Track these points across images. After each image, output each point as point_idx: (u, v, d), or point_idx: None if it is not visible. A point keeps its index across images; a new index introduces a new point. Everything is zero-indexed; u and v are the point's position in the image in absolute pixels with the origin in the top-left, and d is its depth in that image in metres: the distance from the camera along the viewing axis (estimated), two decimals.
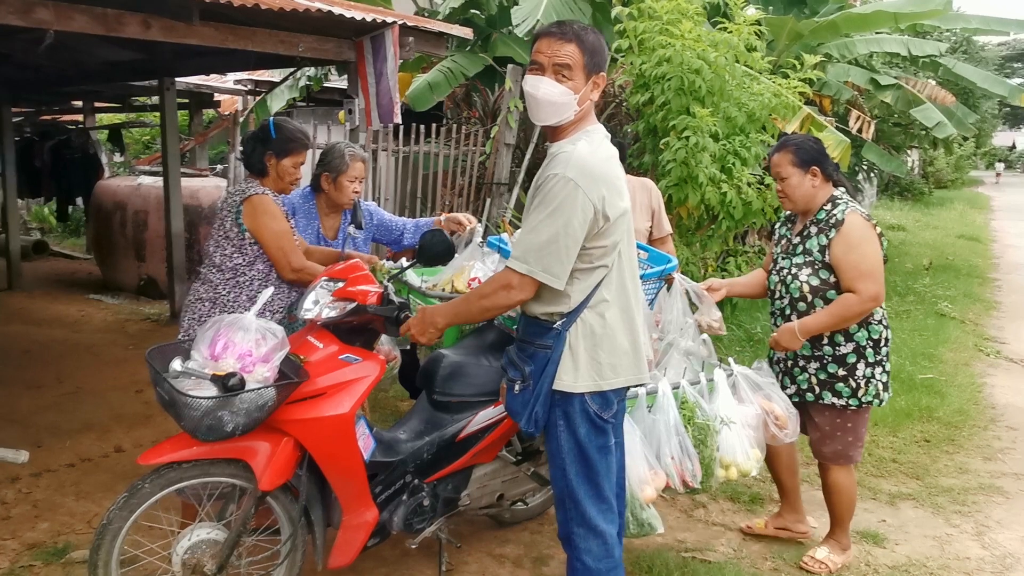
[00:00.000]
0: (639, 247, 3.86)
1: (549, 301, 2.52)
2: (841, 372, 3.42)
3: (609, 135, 2.62)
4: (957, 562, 3.77)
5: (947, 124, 9.93)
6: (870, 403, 3.46)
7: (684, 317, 3.58)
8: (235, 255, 3.37)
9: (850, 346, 3.40)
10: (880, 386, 3.46)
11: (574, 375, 2.53)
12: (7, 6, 3.93)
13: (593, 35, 2.49)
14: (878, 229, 3.40)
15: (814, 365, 3.47)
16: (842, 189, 3.51)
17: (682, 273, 3.70)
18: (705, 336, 3.59)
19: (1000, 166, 45.10)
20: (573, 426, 2.56)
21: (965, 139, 26.05)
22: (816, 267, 3.39)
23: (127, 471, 4.35)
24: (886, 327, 3.48)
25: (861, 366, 3.41)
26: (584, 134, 2.52)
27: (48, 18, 4.06)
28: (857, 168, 12.95)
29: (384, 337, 3.31)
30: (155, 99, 10.78)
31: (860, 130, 9.07)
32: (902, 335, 7.83)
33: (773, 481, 3.92)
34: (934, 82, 11.51)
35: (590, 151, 2.46)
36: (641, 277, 3.54)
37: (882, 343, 3.45)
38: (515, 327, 2.79)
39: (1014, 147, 55.21)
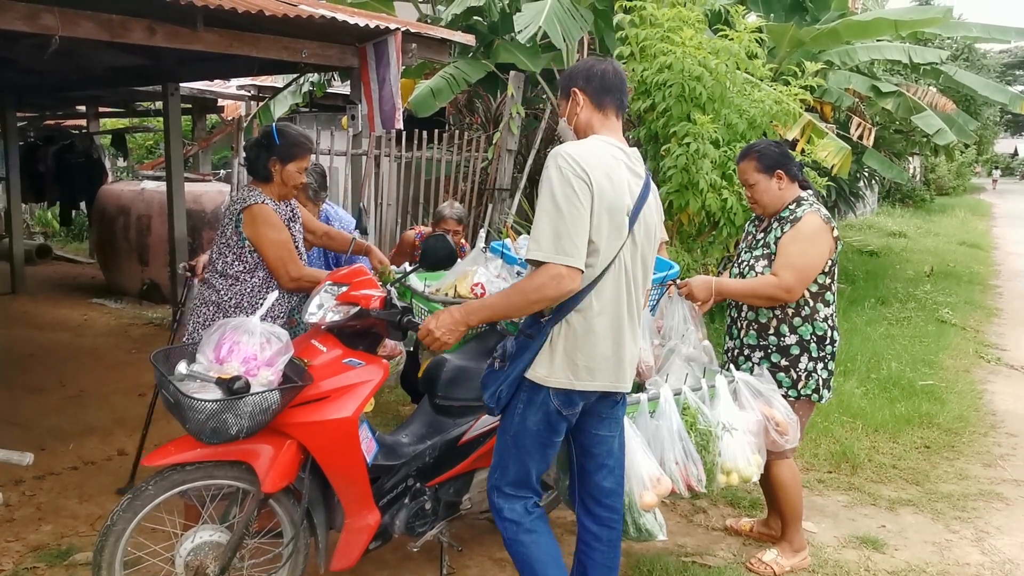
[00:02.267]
0: None
1: None
2: (784, 363, 3.53)
3: (621, 145, 2.69)
4: (957, 568, 3.78)
5: (948, 131, 9.95)
6: (809, 396, 3.55)
7: (685, 324, 3.60)
8: (235, 263, 3.36)
9: (794, 338, 3.51)
10: (820, 382, 3.55)
11: (548, 369, 2.61)
12: (13, 12, 3.97)
13: (562, 74, 2.86)
14: (836, 233, 3.51)
15: (758, 354, 3.58)
16: (810, 192, 3.63)
17: (683, 279, 3.72)
18: (706, 343, 3.61)
19: (996, 173, 45.14)
20: (527, 413, 2.66)
21: (966, 146, 26.12)
22: (770, 259, 3.51)
23: (129, 474, 4.38)
24: (832, 328, 3.57)
25: (804, 359, 3.51)
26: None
27: (53, 24, 4.10)
28: (858, 175, 12.97)
29: (390, 340, 3.33)
30: (159, 104, 10.81)
31: (861, 137, 9.09)
32: (903, 341, 7.85)
33: (762, 491, 3.94)
34: (935, 89, 11.52)
35: (575, 146, 2.60)
36: None
37: (827, 341, 3.54)
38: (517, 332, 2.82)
39: (1016, 154, 55.25)
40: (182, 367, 2.65)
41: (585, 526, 2.88)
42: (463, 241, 4.86)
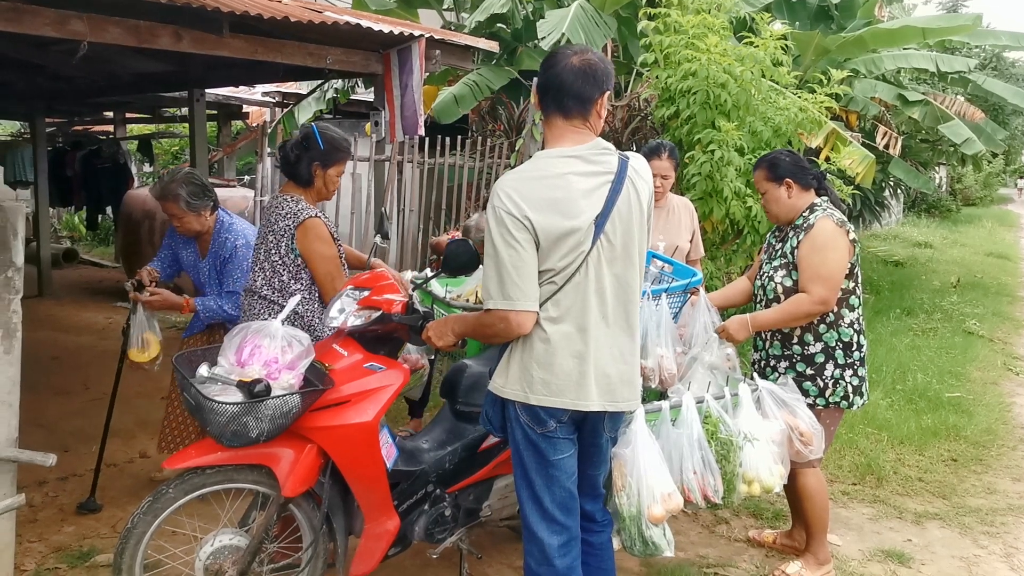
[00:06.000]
0: (664, 260, 3.86)
1: None
2: (809, 371, 3.49)
3: (575, 151, 2.49)
4: None
5: (976, 141, 9.83)
6: (837, 404, 3.51)
7: (708, 331, 3.57)
8: (292, 282, 3.29)
9: (819, 346, 3.48)
10: (850, 389, 3.50)
11: (503, 380, 2.55)
12: (43, 17, 4.01)
13: None
14: (852, 236, 3.47)
15: (784, 364, 3.55)
16: (825, 198, 3.59)
17: (706, 288, 3.69)
18: (730, 351, 3.57)
19: (1022, 181, 44.56)
20: (513, 430, 2.59)
21: (994, 156, 25.78)
22: (789, 268, 3.49)
23: (152, 476, 4.41)
24: (858, 332, 3.53)
25: (830, 367, 3.48)
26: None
27: (82, 29, 4.14)
28: (884, 184, 12.85)
29: (411, 345, 3.32)
30: (185, 110, 10.92)
31: (887, 146, 9.01)
32: (929, 353, 7.75)
33: (788, 501, 3.88)
34: (963, 98, 11.41)
35: (515, 179, 2.44)
36: (666, 291, 3.55)
37: (854, 347, 3.50)
38: None
39: None
40: (203, 369, 2.65)
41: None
42: None
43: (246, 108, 12.17)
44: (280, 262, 3.29)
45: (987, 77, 12.31)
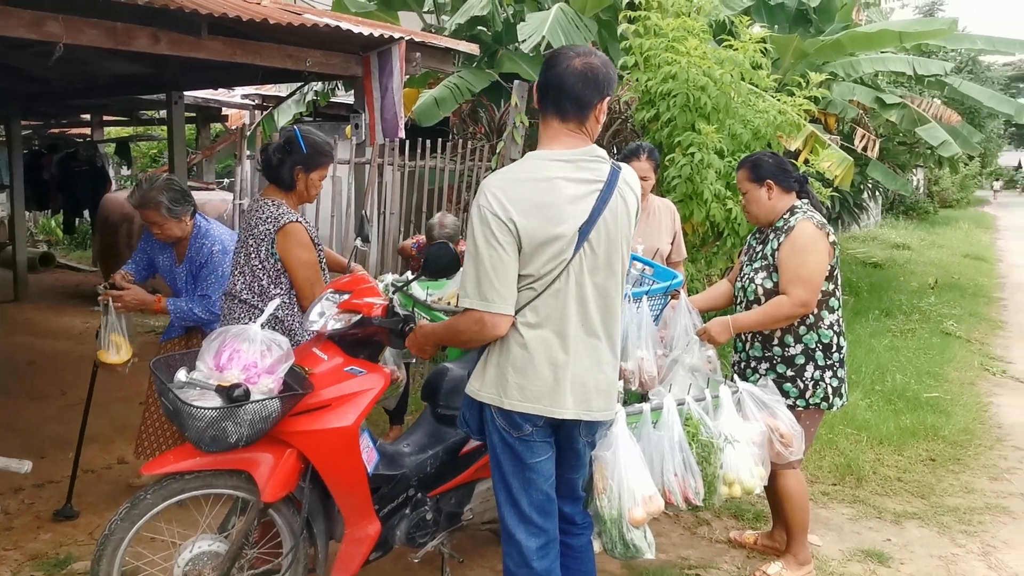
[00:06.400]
0: (645, 262, 3.87)
1: None
2: (790, 373, 3.52)
3: (565, 155, 2.46)
4: None
5: (952, 143, 9.94)
6: (817, 405, 3.53)
7: (689, 334, 3.58)
8: (272, 287, 3.27)
9: (799, 348, 3.51)
10: (829, 390, 3.53)
11: (479, 383, 2.54)
12: (18, 18, 3.97)
13: None
14: (832, 238, 3.50)
15: (764, 366, 3.58)
16: (805, 200, 3.62)
17: (687, 291, 3.70)
18: (710, 353, 3.59)
19: (997, 184, 45.17)
20: (490, 433, 2.57)
21: (971, 158, 26.05)
22: (770, 270, 3.52)
23: (130, 482, 4.36)
24: (838, 333, 3.56)
25: (810, 368, 3.51)
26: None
27: (58, 31, 4.09)
28: (862, 186, 12.96)
29: (388, 356, 3.30)
30: (163, 113, 10.84)
31: (865, 148, 9.09)
32: (907, 354, 7.82)
33: (768, 502, 3.90)
34: (939, 101, 11.52)
35: (502, 179, 2.44)
36: (646, 293, 3.56)
37: (833, 348, 3.53)
38: None
39: (1020, 167, 55.17)
40: (182, 374, 2.63)
41: None
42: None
43: (225, 111, 12.09)
44: (260, 266, 3.27)
45: (963, 80, 12.45)
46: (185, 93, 8.35)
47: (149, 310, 3.97)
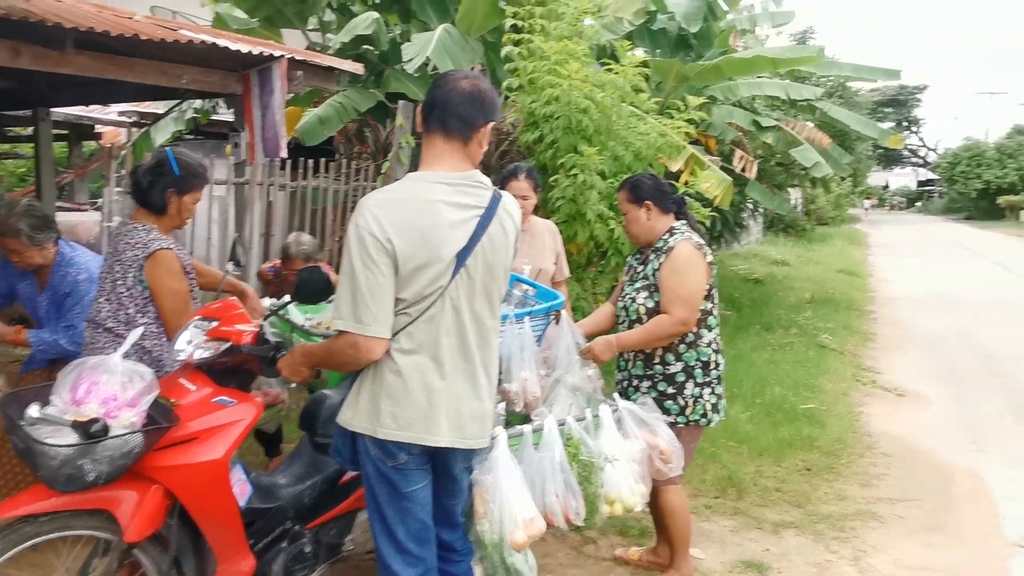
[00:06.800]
0: (527, 283, 3.88)
1: None
2: (671, 390, 3.61)
3: (447, 178, 2.44)
4: None
5: (824, 164, 10.43)
6: (697, 422, 3.63)
7: (571, 353, 3.60)
8: (138, 316, 3.11)
9: (679, 366, 3.60)
10: (708, 406, 3.64)
11: (352, 412, 2.49)
12: None
13: None
14: (709, 258, 3.62)
15: (646, 384, 3.66)
16: (683, 221, 3.74)
17: (573, 309, 3.74)
18: (591, 371, 3.62)
19: (867, 203, 48.15)
20: (364, 463, 2.52)
21: (843, 178, 27.45)
22: (651, 290, 3.61)
23: None
24: (716, 351, 3.68)
25: (690, 385, 3.60)
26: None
27: None
28: (742, 206, 13.45)
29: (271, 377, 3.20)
30: (31, 130, 10.29)
31: (744, 169, 9.42)
32: (785, 367, 8.11)
33: (652, 518, 3.95)
34: (812, 124, 12.08)
35: (380, 200, 2.40)
36: (529, 314, 3.57)
37: (711, 366, 3.65)
38: None
39: (887, 187, 58.59)
40: (33, 410, 2.47)
41: None
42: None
43: (99, 128, 11.57)
44: (127, 294, 3.12)
45: (833, 105, 13.11)
46: (55, 110, 7.95)
47: (8, 342, 3.73)
